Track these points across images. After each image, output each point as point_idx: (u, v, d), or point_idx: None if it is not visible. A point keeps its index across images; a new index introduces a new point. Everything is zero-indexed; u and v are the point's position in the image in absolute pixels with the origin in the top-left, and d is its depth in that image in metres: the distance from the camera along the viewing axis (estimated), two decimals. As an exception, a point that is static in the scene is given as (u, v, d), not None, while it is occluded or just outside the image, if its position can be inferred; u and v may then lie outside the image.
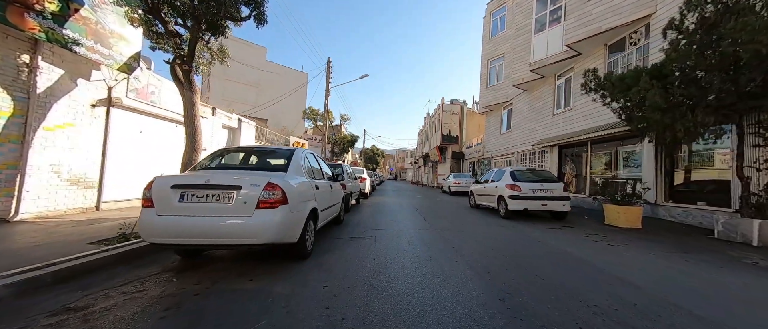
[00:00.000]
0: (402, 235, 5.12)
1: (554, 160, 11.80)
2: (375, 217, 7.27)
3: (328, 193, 4.64)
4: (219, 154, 3.93)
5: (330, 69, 17.25)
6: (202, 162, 3.64)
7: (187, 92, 7.05)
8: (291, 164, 3.52)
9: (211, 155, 3.90)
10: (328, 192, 4.70)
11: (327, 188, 4.63)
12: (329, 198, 4.73)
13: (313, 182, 3.88)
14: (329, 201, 4.73)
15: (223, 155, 3.95)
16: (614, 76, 6.01)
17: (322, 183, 4.40)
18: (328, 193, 4.64)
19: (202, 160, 3.68)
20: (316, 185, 3.94)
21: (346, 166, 8.95)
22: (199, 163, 3.64)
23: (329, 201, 4.73)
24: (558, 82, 11.95)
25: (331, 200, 4.94)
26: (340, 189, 6.06)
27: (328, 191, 4.70)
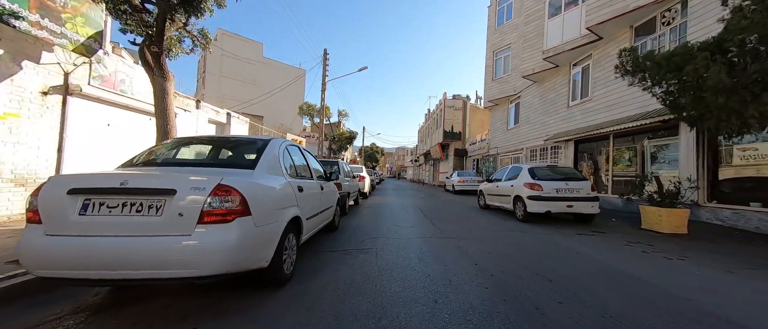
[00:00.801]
0: (409, 246, 4.19)
1: (570, 156, 10.88)
2: (376, 221, 6.35)
3: (316, 196, 3.71)
4: (174, 145, 3.00)
5: (327, 60, 16.28)
6: (142, 156, 2.69)
7: (157, 78, 6.11)
8: (262, 159, 2.59)
9: (163, 146, 2.97)
10: (318, 194, 3.77)
11: (315, 189, 3.70)
12: (319, 202, 3.80)
13: (295, 182, 2.96)
14: (319, 205, 3.80)
15: (179, 146, 3.02)
16: (658, 55, 5.07)
17: (309, 184, 3.48)
18: (316, 196, 3.71)
19: (142, 153, 2.73)
20: (299, 186, 3.01)
21: (343, 164, 8.02)
22: (137, 156, 2.68)
23: (319, 205, 3.80)
24: (574, 71, 11.00)
25: (323, 204, 4.01)
26: (335, 190, 5.13)
27: (318, 193, 3.77)
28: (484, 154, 19.99)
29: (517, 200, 6.84)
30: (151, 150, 2.78)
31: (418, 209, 8.67)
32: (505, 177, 7.76)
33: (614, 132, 8.72)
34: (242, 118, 13.66)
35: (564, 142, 11.15)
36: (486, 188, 8.84)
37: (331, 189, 4.74)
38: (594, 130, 9.17)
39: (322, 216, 4.10)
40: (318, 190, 3.78)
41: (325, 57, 16.32)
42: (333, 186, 5.01)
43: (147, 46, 5.96)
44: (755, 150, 5.82)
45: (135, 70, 7.58)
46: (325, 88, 16.36)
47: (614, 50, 8.99)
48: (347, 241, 4.42)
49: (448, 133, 24.78)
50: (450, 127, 24.84)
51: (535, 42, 12.44)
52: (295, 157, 3.36)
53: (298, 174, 3.28)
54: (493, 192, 8.27)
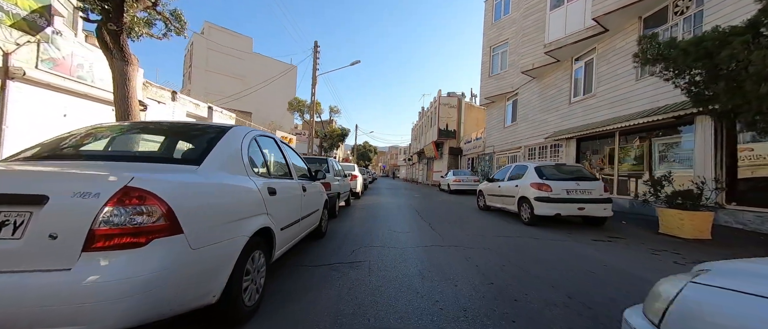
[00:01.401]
0: (408, 258, 3.55)
1: (571, 155, 10.43)
2: (369, 225, 5.69)
3: (296, 200, 3.03)
4: (89, 133, 2.22)
5: (317, 53, 15.49)
6: (41, 147, 1.93)
7: (116, 62, 5.33)
8: (214, 152, 1.88)
9: (74, 134, 2.18)
10: (298, 197, 3.09)
11: (295, 191, 3.02)
12: (300, 206, 3.12)
13: (265, 183, 2.28)
14: (300, 210, 3.12)
15: (96, 135, 2.27)
16: (684, 41, 4.56)
17: (286, 186, 2.80)
18: (296, 200, 3.03)
19: (43, 143, 1.97)
20: (270, 188, 2.33)
21: (332, 161, 7.32)
22: (35, 146, 1.92)
23: (300, 210, 3.12)
24: (576, 66, 10.55)
25: (306, 208, 3.34)
26: (322, 191, 4.46)
27: (298, 196, 3.09)
28: (480, 153, 19.55)
29: (522, 202, 6.29)
30: (59, 138, 2.02)
31: (414, 210, 8.05)
32: (508, 177, 7.21)
33: (620, 129, 8.28)
34: (227, 113, 12.80)
35: (565, 140, 10.70)
36: (486, 188, 8.29)
37: (316, 190, 4.06)
38: (598, 127, 8.72)
39: (306, 222, 3.42)
40: (298, 192, 3.10)
41: (316, 49, 15.52)
42: (319, 186, 4.34)
43: (104, 24, 5.16)
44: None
45: (97, 54, 6.72)
46: (316, 82, 15.58)
47: (621, 43, 8.56)
48: (335, 251, 3.75)
49: (442, 131, 24.28)
50: (445, 125, 24.34)
51: (534, 36, 11.96)
52: (267, 152, 2.67)
53: (272, 173, 2.59)
54: (494, 192, 7.72)
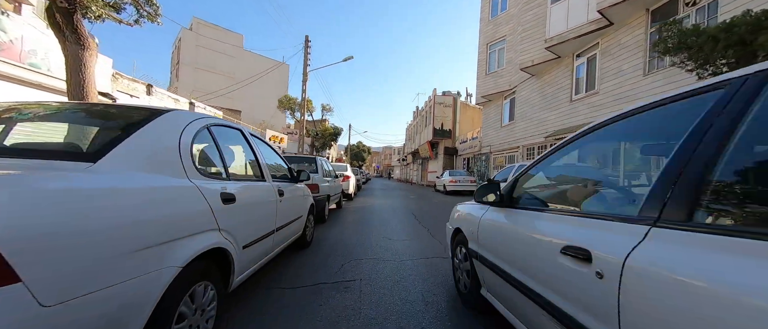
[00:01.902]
0: (407, 275, 2.98)
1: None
2: (361, 231, 5.10)
3: (268, 207, 2.42)
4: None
5: (308, 48, 14.82)
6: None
7: (70, 45, 4.65)
8: (125, 144, 1.27)
9: None
10: (270, 204, 2.48)
11: (266, 197, 2.41)
12: (273, 215, 2.52)
13: (215, 188, 1.67)
14: (274, 220, 2.52)
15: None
16: (712, 28, 4.11)
17: (253, 190, 2.20)
18: (268, 207, 2.42)
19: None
20: (225, 194, 1.72)
21: (322, 161, 6.71)
22: None
23: (274, 220, 2.52)
24: (577, 63, 10.16)
25: (282, 217, 2.74)
26: (306, 195, 3.86)
27: (270, 202, 2.48)
28: (476, 153, 19.14)
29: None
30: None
31: (410, 213, 7.49)
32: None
33: (626, 127, 7.88)
34: (211, 110, 12.03)
35: (566, 139, 10.28)
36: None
37: (299, 193, 3.46)
38: (602, 125, 8.30)
39: (284, 233, 2.82)
40: (272, 198, 2.49)
41: (307, 44, 14.85)
42: (304, 189, 3.73)
43: (54, 1, 4.48)
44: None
45: (53, 39, 5.97)
46: (307, 78, 14.90)
47: (626, 38, 8.18)
48: (321, 266, 3.15)
49: (437, 130, 23.84)
50: (440, 124, 23.90)
51: (534, 31, 11.56)
52: (226, 147, 2.06)
53: (231, 175, 1.98)
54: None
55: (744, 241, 0.64)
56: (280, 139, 24.69)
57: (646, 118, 1.19)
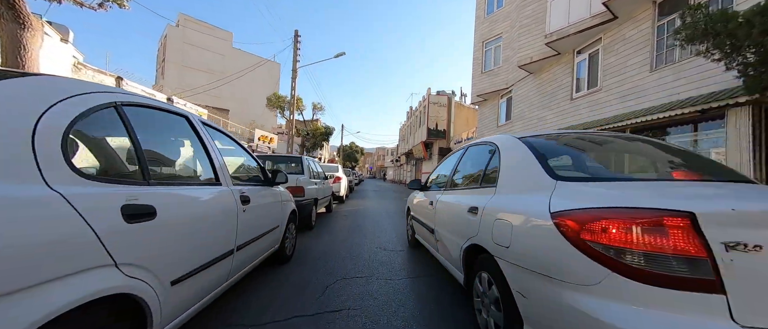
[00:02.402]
0: (407, 301, 2.41)
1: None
2: (352, 240, 4.51)
3: (225, 219, 1.82)
4: None
5: (298, 43, 14.14)
6: None
7: (6, 23, 3.98)
8: None
9: None
10: (229, 215, 1.87)
11: (221, 205, 1.80)
12: (234, 229, 1.92)
13: (115, 196, 1.06)
14: (234, 235, 1.92)
15: None
16: (746, 11, 3.67)
17: (200, 196, 1.60)
18: (225, 219, 1.82)
19: None
20: (134, 206, 1.12)
21: (309, 161, 6.08)
22: None
23: (234, 235, 1.92)
24: (578, 59, 9.79)
25: (247, 231, 2.14)
26: (285, 200, 3.25)
27: (229, 213, 1.87)
28: (471, 153, 18.75)
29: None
30: None
31: (402, 221, 6.93)
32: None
33: (632, 125, 7.49)
34: (191, 106, 11.25)
35: (567, 139, 9.90)
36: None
37: (275, 199, 2.86)
38: (606, 124, 7.91)
39: (249, 252, 2.22)
40: (228, 207, 1.88)
41: (297, 39, 14.17)
42: (281, 194, 3.12)
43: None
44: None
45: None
46: (296, 75, 14.21)
47: (631, 32, 7.81)
48: (298, 291, 2.54)
49: (432, 130, 23.39)
50: (434, 124, 23.46)
51: (533, 27, 11.17)
52: (147, 135, 1.44)
53: (154, 176, 1.36)
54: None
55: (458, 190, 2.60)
56: (270, 139, 23.87)
57: (470, 150, 2.76)
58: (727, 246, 0.92)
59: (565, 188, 1.37)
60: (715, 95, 5.41)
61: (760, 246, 0.90)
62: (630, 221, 1.03)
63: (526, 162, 1.69)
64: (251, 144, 22.01)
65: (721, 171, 1.79)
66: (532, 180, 1.58)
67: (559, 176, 1.47)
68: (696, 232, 0.95)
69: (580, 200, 1.23)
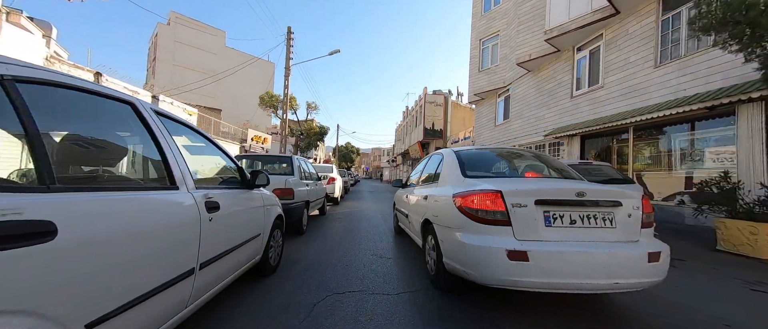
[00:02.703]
0: (414, 320, 2.07)
1: (575, 154, 9.42)
2: (346, 247, 4.16)
3: (179, 232, 1.46)
4: None
5: (291, 40, 13.73)
6: None
7: None
8: None
9: None
10: (187, 226, 1.51)
11: (173, 215, 1.44)
12: (196, 242, 1.57)
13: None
14: (196, 251, 1.57)
15: None
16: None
17: (136, 205, 1.23)
18: (179, 232, 1.46)
19: None
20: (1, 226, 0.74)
21: (299, 160, 5.71)
22: None
23: (196, 251, 1.57)
24: (578, 56, 9.57)
25: (219, 243, 1.81)
26: (268, 205, 2.89)
27: (187, 223, 1.51)
28: (468, 153, 18.50)
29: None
30: None
31: (403, 221, 6.60)
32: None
33: (636, 124, 7.26)
34: (178, 104, 10.77)
35: (567, 138, 9.67)
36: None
37: (254, 205, 2.50)
38: (608, 122, 7.68)
39: (220, 268, 1.86)
40: (186, 216, 1.51)
41: (290, 36, 13.75)
42: (263, 198, 2.76)
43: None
44: None
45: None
46: (290, 72, 13.79)
47: (634, 27, 7.60)
48: (279, 311, 2.18)
49: (428, 130, 23.12)
50: (431, 124, 23.20)
51: (531, 24, 10.94)
52: (47, 122, 1.06)
53: (47, 177, 0.95)
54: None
55: (422, 186, 3.62)
56: (264, 139, 23.37)
57: (432, 157, 3.70)
58: (513, 205, 2.03)
59: (466, 182, 2.55)
60: (724, 91, 5.18)
61: (525, 205, 2.01)
62: (476, 196, 2.17)
63: (454, 166, 2.88)
64: (244, 144, 21.49)
65: (558, 170, 2.97)
66: (454, 177, 2.76)
67: (467, 175, 2.69)
68: (502, 200, 2.05)
69: (464, 188, 2.39)
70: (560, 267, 1.82)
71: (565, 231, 2.00)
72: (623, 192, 2.17)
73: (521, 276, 1.84)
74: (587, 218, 2.04)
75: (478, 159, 3.16)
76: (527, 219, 1.99)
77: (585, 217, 2.04)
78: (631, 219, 2.06)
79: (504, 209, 2.02)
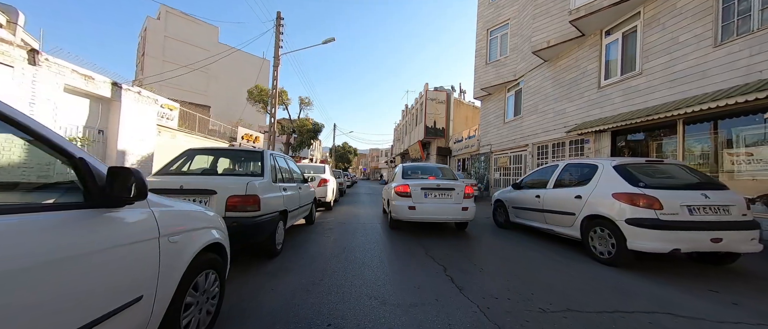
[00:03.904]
0: None
1: (604, 152, 8.18)
2: (332, 284, 2.84)
3: None
4: None
5: (281, 27, 12.40)
6: None
7: None
8: None
9: None
10: None
11: None
12: None
13: None
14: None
15: None
16: None
17: None
18: None
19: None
20: None
21: (274, 156, 4.34)
22: None
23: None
24: (608, 40, 8.34)
25: None
26: (184, 234, 1.55)
27: None
28: (473, 153, 17.25)
29: (592, 224, 3.77)
30: None
31: (408, 234, 5.30)
32: (554, 182, 4.70)
33: (687, 116, 6.02)
34: (148, 95, 9.36)
35: (594, 134, 8.44)
36: (511, 198, 5.77)
37: (108, 243, 1.17)
38: (653, 113, 6.43)
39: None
40: None
41: (279, 22, 12.42)
42: (146, 222, 1.43)
43: None
44: None
45: None
46: (279, 62, 12.46)
47: (682, 1, 6.36)
48: None
49: (430, 129, 21.85)
50: (432, 122, 21.93)
51: (550, 6, 9.72)
52: None
53: None
54: (527, 205, 5.19)
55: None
56: (255, 138, 21.97)
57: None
58: (420, 189, 5.13)
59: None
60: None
61: (408, 187, 5.14)
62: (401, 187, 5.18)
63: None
64: (234, 143, 20.08)
65: (447, 176, 5.86)
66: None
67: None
68: (408, 189, 5.08)
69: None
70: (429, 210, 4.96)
71: (431, 199, 5.06)
72: (457, 183, 5.21)
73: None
74: (440, 194, 5.06)
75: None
76: (418, 195, 5.05)
77: (439, 194, 5.06)
78: (460, 194, 5.05)
79: (408, 191, 5.12)
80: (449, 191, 5.04)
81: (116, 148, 8.02)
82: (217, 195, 2.96)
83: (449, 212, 4.93)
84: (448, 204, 4.95)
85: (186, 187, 2.94)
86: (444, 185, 5.03)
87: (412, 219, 4.91)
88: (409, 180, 5.31)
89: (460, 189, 5.05)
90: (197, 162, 4.24)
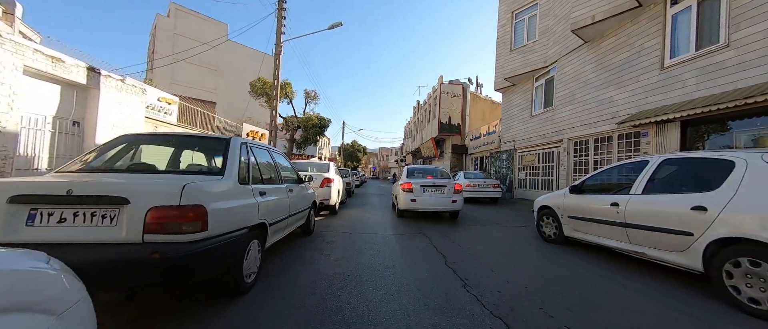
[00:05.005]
0: None
1: (672, 147, 6.65)
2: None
3: None
4: None
5: (283, 11, 11.29)
6: None
7: None
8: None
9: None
10: None
11: None
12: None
13: None
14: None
15: None
16: None
17: None
18: None
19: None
20: None
21: (248, 147, 3.09)
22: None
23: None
24: (675, 9, 6.79)
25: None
26: None
27: None
28: (493, 150, 15.75)
29: (730, 253, 2.39)
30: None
31: (429, 247, 4.01)
32: (644, 185, 3.31)
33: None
34: (134, 84, 8.38)
35: (654, 125, 6.91)
36: (571, 206, 4.37)
37: None
38: (745, 97, 4.92)
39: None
40: None
41: (282, 6, 11.32)
42: None
43: None
44: None
45: None
46: (281, 50, 11.36)
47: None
48: None
49: (444, 125, 20.42)
50: (447, 118, 20.49)
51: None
52: None
53: None
54: (599, 216, 3.80)
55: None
56: (261, 135, 21.10)
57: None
58: (420, 186, 6.45)
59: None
60: None
61: (411, 184, 6.46)
62: (406, 185, 6.51)
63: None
64: (238, 140, 19.24)
65: (442, 176, 7.07)
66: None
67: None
68: (411, 186, 6.41)
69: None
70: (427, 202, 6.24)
71: (428, 194, 6.34)
72: (449, 181, 6.56)
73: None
74: (436, 190, 6.34)
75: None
76: (418, 190, 6.34)
77: (435, 190, 6.34)
78: (451, 190, 6.40)
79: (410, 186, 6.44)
80: (442, 188, 6.42)
81: (94, 142, 7.06)
82: (129, 207, 1.76)
83: (442, 204, 6.36)
84: (441, 198, 6.30)
85: (77, 193, 1.76)
86: (439, 183, 6.38)
87: (413, 209, 6.30)
88: (411, 179, 6.60)
89: (451, 186, 6.47)
90: (152, 156, 3.07)
